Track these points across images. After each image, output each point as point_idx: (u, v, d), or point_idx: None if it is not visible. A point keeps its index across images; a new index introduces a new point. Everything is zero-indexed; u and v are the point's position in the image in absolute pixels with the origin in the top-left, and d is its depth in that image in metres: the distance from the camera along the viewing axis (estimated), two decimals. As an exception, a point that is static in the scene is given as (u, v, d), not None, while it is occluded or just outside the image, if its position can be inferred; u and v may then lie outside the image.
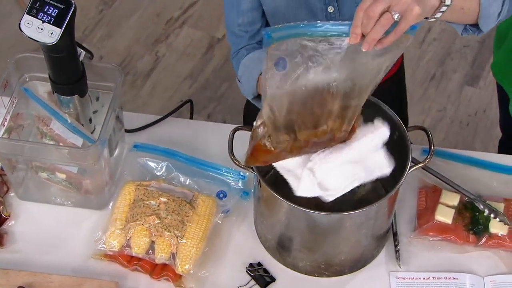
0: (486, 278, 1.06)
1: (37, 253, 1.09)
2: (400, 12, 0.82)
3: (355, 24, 0.83)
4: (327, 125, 0.91)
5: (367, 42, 0.83)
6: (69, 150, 1.06)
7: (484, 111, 2.23)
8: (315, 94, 0.88)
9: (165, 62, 2.38)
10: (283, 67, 0.86)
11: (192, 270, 1.05)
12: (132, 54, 2.37)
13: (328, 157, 0.94)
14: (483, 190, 1.14)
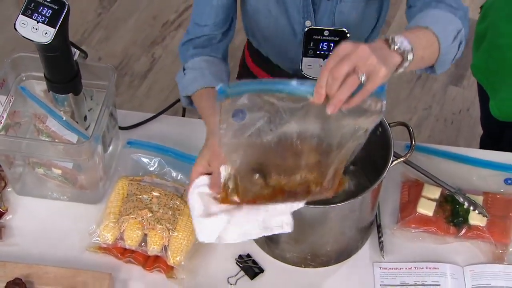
0: (466, 268, 1.06)
1: (33, 246, 1.09)
2: (367, 73, 0.78)
3: (320, 84, 0.78)
4: (301, 176, 0.86)
5: (332, 104, 0.78)
6: (64, 146, 1.05)
7: (467, 109, 2.24)
8: (277, 147, 0.84)
9: (161, 63, 2.37)
10: (241, 118, 0.82)
11: (184, 262, 1.05)
12: (129, 56, 2.37)
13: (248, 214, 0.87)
14: (463, 184, 1.14)
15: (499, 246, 1.07)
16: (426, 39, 0.88)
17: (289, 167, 0.86)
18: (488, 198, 1.12)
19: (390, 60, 0.81)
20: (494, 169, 1.18)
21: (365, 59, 0.77)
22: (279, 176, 0.87)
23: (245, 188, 0.87)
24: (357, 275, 1.07)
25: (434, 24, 0.89)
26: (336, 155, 0.86)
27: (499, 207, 1.11)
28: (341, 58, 0.78)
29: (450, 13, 0.94)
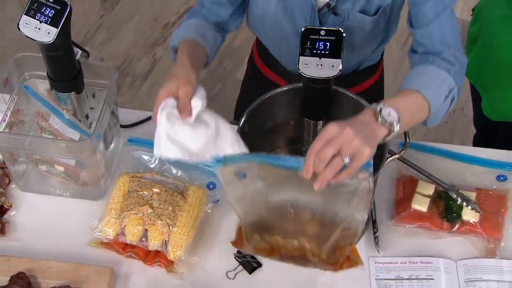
0: (459, 262, 1.07)
1: (37, 241, 1.09)
2: (351, 155, 0.81)
3: (308, 163, 0.82)
4: (298, 242, 0.90)
5: (318, 182, 0.82)
6: (67, 144, 1.05)
7: (462, 109, 2.24)
8: (276, 209, 0.88)
9: (162, 64, 2.37)
10: (243, 175, 0.86)
11: (183, 257, 1.05)
12: (131, 57, 2.37)
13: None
14: (456, 181, 1.15)
15: (492, 241, 1.08)
16: (416, 104, 0.91)
17: (287, 231, 0.91)
18: (480, 194, 1.12)
19: (375, 137, 0.85)
20: (487, 166, 1.18)
21: (349, 142, 0.81)
22: (277, 237, 0.91)
23: (247, 238, 0.92)
24: (353, 269, 1.06)
25: (426, 87, 0.91)
26: (331, 231, 0.88)
27: (491, 203, 1.12)
28: (327, 141, 0.82)
29: (444, 70, 0.95)
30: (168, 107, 0.92)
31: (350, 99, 1.06)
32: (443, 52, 0.97)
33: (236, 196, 0.89)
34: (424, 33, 0.98)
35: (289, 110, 1.10)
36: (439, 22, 0.97)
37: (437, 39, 0.97)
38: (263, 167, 0.85)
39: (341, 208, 0.87)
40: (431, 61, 0.96)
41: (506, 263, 1.05)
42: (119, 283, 1.05)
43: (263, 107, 1.07)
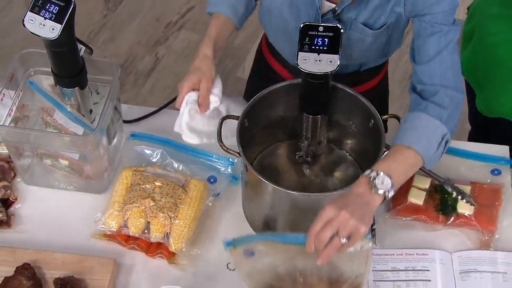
0: (454, 254, 1.07)
1: (42, 233, 1.09)
2: (348, 235, 0.87)
3: (309, 243, 0.89)
4: None
5: (321, 258, 0.89)
6: (71, 138, 1.06)
7: (457, 107, 2.24)
8: (284, 277, 0.95)
9: (164, 62, 2.38)
10: (252, 254, 0.94)
11: (185, 248, 1.05)
12: (133, 55, 2.37)
13: None
14: (451, 175, 1.15)
15: (486, 233, 1.08)
16: (408, 162, 0.94)
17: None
18: (475, 188, 1.12)
19: (371, 211, 0.90)
20: (482, 161, 1.18)
21: (346, 224, 0.87)
22: None
23: None
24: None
25: (417, 142, 0.94)
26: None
27: (486, 196, 1.12)
28: (325, 222, 0.88)
29: (437, 118, 0.96)
30: (190, 103, 1.06)
31: (348, 95, 1.06)
32: (439, 92, 0.97)
33: (246, 273, 0.96)
34: (425, 69, 0.99)
35: (289, 105, 1.10)
36: (440, 58, 0.98)
37: (437, 77, 0.98)
38: (269, 244, 0.94)
39: (346, 268, 0.94)
40: (423, 108, 0.97)
41: (500, 254, 1.06)
42: (122, 274, 1.05)
43: (263, 102, 1.07)
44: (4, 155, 1.16)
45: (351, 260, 0.92)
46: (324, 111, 1.04)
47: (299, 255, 0.92)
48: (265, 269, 0.94)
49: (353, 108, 1.07)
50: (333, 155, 1.15)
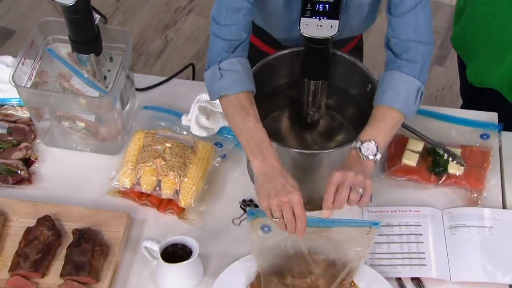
0: (444, 211, 1.08)
1: (60, 190, 1.10)
2: (361, 187, 0.90)
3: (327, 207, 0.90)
4: (311, 280, 0.97)
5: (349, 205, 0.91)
6: (87, 100, 1.06)
7: (450, 86, 2.23)
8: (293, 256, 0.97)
9: (174, 45, 2.37)
10: (267, 231, 0.95)
11: (193, 204, 1.07)
12: (145, 38, 2.37)
13: None
14: (443, 139, 1.15)
15: (474, 192, 1.08)
16: (391, 119, 0.96)
17: (301, 272, 0.98)
18: (465, 151, 1.13)
19: (369, 170, 0.93)
20: (472, 126, 1.18)
21: (356, 180, 0.90)
22: (293, 278, 0.98)
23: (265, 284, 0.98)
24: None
25: (396, 100, 0.95)
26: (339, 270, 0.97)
27: (475, 158, 1.12)
28: (337, 185, 0.90)
29: (411, 74, 0.97)
30: (200, 102, 1.15)
31: (346, 61, 1.06)
32: (411, 48, 0.98)
33: (258, 247, 0.97)
34: (400, 23, 0.99)
35: (290, 72, 1.10)
36: (415, 12, 0.98)
37: (410, 32, 0.98)
38: None
39: (350, 250, 0.96)
40: (397, 67, 0.98)
41: (487, 211, 1.06)
42: (134, 228, 1.07)
43: (265, 70, 1.07)
44: (25, 118, 1.17)
45: (356, 243, 0.94)
46: (324, 76, 1.04)
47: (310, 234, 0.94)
48: (275, 246, 0.96)
49: (351, 74, 1.07)
50: (332, 121, 1.15)
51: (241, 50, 1.00)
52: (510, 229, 1.04)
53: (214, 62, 0.98)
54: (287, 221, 0.90)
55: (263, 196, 0.90)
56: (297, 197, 0.90)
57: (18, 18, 2.34)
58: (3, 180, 1.09)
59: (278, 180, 0.91)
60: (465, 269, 1.00)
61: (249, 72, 1.00)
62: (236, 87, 0.96)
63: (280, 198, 0.89)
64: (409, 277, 1.01)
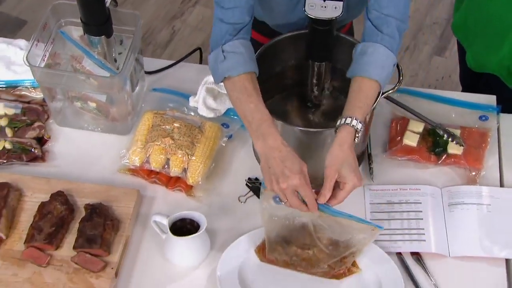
0: (443, 189, 1.08)
1: (72, 168, 1.11)
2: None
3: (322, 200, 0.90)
4: (313, 252, 0.97)
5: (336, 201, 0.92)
6: (98, 80, 1.07)
7: (449, 76, 2.23)
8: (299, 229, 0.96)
9: (180, 35, 2.38)
10: (280, 201, 0.92)
11: (201, 182, 1.07)
12: (152, 28, 2.37)
13: None
14: (443, 120, 1.15)
15: (473, 170, 1.09)
16: (373, 92, 0.95)
17: (305, 244, 0.98)
18: (464, 132, 1.13)
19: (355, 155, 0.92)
20: (471, 108, 1.18)
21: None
22: (296, 248, 0.98)
23: (270, 250, 0.99)
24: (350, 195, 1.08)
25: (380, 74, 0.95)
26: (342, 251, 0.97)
27: (474, 139, 1.12)
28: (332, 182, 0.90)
29: (389, 49, 0.97)
30: (207, 83, 1.16)
31: (349, 43, 1.06)
32: (391, 24, 0.97)
33: (268, 215, 0.96)
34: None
35: (294, 55, 1.10)
36: None
37: (391, 8, 0.97)
38: None
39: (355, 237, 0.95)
40: (380, 40, 0.97)
41: (485, 189, 1.06)
42: (144, 205, 1.08)
43: (269, 53, 1.07)
44: (38, 99, 1.18)
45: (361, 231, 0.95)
46: (328, 57, 1.05)
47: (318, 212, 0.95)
48: (284, 217, 0.96)
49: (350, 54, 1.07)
50: (335, 102, 1.16)
51: (244, 33, 0.99)
52: (507, 207, 1.04)
53: (218, 45, 0.98)
54: (292, 205, 0.89)
55: (266, 182, 0.91)
56: (296, 182, 0.88)
57: (30, 8, 2.35)
58: (17, 158, 1.10)
59: (276, 165, 0.89)
60: (463, 244, 1.01)
61: (252, 54, 0.99)
62: (239, 68, 0.96)
63: (280, 185, 0.88)
64: (409, 252, 1.01)
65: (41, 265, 0.96)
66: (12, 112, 1.15)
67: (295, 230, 0.98)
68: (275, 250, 0.99)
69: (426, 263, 1.00)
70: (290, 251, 0.98)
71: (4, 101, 1.16)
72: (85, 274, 0.95)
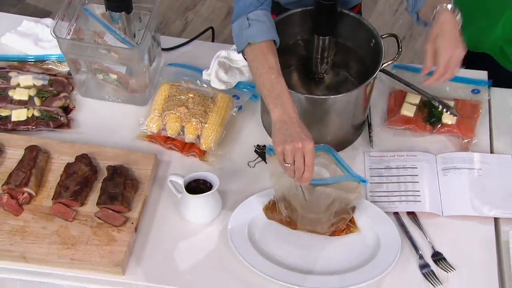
0: (438, 155, 1.08)
1: (95, 134, 1.12)
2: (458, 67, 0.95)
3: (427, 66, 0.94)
4: (313, 213, 0.97)
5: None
6: (119, 51, 1.07)
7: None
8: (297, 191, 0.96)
9: (193, 25, 2.37)
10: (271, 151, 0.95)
11: (213, 148, 1.08)
12: (167, 19, 2.37)
13: None
14: (438, 93, 1.14)
15: (465, 138, 1.09)
16: None
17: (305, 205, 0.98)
18: (458, 103, 1.13)
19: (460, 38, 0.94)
20: (464, 83, 1.18)
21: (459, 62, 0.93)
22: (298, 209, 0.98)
23: (278, 210, 1.00)
24: (351, 161, 1.08)
25: None
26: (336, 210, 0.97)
27: (466, 110, 1.12)
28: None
29: None
30: (219, 57, 1.16)
31: (352, 19, 1.05)
32: None
33: (276, 177, 0.97)
34: None
35: (300, 30, 1.10)
36: None
37: None
38: None
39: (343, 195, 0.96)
40: None
41: (476, 155, 1.06)
42: (161, 168, 1.08)
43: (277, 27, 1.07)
44: (64, 72, 1.19)
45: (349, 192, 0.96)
46: (332, 32, 1.04)
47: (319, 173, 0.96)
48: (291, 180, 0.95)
49: (356, 31, 1.07)
50: (337, 77, 1.15)
51: (266, 5, 0.99)
52: (496, 171, 1.04)
53: (243, 13, 0.98)
54: (297, 166, 0.89)
55: (278, 141, 0.90)
56: (311, 146, 0.89)
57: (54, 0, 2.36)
58: (45, 125, 1.11)
59: (294, 128, 0.90)
60: (455, 204, 1.01)
61: (273, 24, 0.99)
62: (262, 35, 0.95)
63: (295, 144, 0.88)
64: (405, 211, 1.02)
65: (68, 219, 0.97)
66: (40, 83, 1.15)
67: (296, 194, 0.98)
68: (281, 209, 1.00)
69: (421, 221, 1.00)
70: (293, 210, 0.99)
71: (33, 74, 1.17)
72: (108, 228, 0.96)
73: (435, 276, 0.93)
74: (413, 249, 0.97)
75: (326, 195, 0.96)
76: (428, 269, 0.94)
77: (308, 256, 0.96)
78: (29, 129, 1.10)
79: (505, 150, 1.08)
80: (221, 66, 1.18)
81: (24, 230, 0.96)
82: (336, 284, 0.92)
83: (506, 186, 1.02)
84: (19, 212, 0.98)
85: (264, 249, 0.97)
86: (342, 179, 0.97)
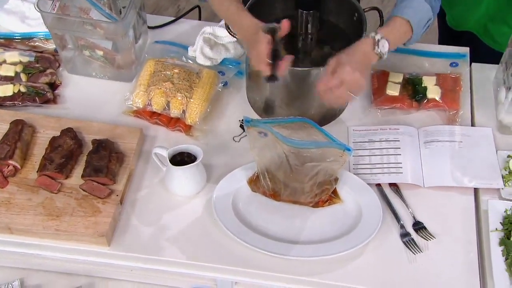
0: (420, 129, 1.06)
1: (81, 110, 1.09)
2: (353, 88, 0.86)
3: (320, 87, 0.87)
4: (296, 183, 0.95)
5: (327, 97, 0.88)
6: (104, 26, 1.03)
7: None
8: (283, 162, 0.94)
9: (185, 13, 2.34)
10: (265, 135, 0.93)
11: (198, 123, 1.05)
12: (159, 7, 2.33)
13: None
14: (418, 69, 1.13)
15: (451, 111, 1.06)
16: (403, 31, 0.94)
17: (288, 176, 0.96)
18: (440, 78, 1.10)
19: (369, 67, 0.90)
20: (442, 58, 1.15)
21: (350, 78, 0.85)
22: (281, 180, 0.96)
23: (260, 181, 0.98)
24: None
25: (413, 17, 0.93)
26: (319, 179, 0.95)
27: (448, 83, 1.10)
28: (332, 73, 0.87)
29: (428, 3, 0.94)
30: (204, 33, 1.13)
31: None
32: None
33: (257, 149, 0.95)
34: None
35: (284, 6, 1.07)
36: None
37: None
38: (276, 126, 0.93)
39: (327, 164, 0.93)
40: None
41: (457, 128, 1.04)
42: (147, 143, 1.05)
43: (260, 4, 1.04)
44: (51, 49, 1.15)
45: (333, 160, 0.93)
46: (316, 6, 1.01)
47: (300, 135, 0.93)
48: (273, 150, 0.94)
49: (340, 5, 1.04)
50: (321, 51, 1.12)
51: None
52: (476, 143, 1.02)
53: None
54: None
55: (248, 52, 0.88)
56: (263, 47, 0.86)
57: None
58: (31, 100, 1.07)
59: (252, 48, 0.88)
60: (437, 175, 0.99)
61: None
62: None
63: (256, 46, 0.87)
64: (388, 183, 0.99)
65: (53, 191, 0.94)
66: (27, 59, 1.12)
67: (279, 164, 0.96)
68: (265, 177, 0.97)
69: (403, 193, 0.98)
70: (277, 183, 0.97)
71: (19, 50, 1.13)
72: (93, 200, 0.93)
73: (415, 244, 0.91)
74: (395, 219, 0.95)
75: (311, 166, 0.94)
76: (409, 237, 0.93)
77: (292, 227, 0.94)
78: (16, 105, 1.07)
79: (486, 123, 1.06)
80: (206, 42, 1.15)
81: (9, 202, 0.93)
82: (320, 252, 0.90)
83: (486, 158, 1.00)
84: (4, 185, 0.95)
85: (249, 220, 0.94)
86: (327, 144, 0.93)
